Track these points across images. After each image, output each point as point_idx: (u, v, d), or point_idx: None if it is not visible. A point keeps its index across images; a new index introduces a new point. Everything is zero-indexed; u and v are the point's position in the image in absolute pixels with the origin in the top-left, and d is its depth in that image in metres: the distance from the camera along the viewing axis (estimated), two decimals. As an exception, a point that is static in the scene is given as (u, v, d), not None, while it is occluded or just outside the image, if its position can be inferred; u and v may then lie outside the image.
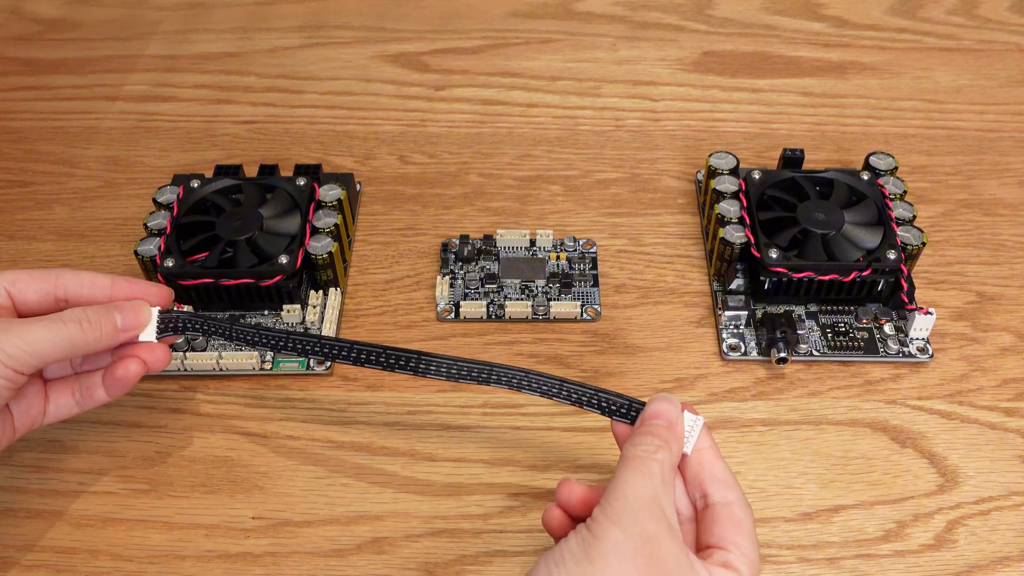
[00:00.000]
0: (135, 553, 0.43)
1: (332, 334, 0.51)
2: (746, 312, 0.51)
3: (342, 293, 0.53)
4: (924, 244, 0.51)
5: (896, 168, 0.55)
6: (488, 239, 0.56)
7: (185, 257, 0.50)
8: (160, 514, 0.45)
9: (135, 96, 0.67)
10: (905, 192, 0.54)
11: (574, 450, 0.47)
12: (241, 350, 0.50)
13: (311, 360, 0.50)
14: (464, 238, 0.56)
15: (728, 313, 0.51)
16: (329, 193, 0.53)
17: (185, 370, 0.49)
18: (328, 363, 0.50)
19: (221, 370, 0.50)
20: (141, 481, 0.46)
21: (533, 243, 0.56)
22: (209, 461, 0.47)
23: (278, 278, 0.50)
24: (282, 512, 0.45)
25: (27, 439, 0.47)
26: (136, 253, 0.50)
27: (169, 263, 0.49)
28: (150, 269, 0.51)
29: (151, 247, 0.50)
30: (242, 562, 0.43)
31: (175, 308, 0.49)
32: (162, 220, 0.52)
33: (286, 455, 0.47)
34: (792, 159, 0.56)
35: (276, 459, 0.47)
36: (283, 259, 0.50)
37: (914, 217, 0.52)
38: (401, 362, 0.41)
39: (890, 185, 0.54)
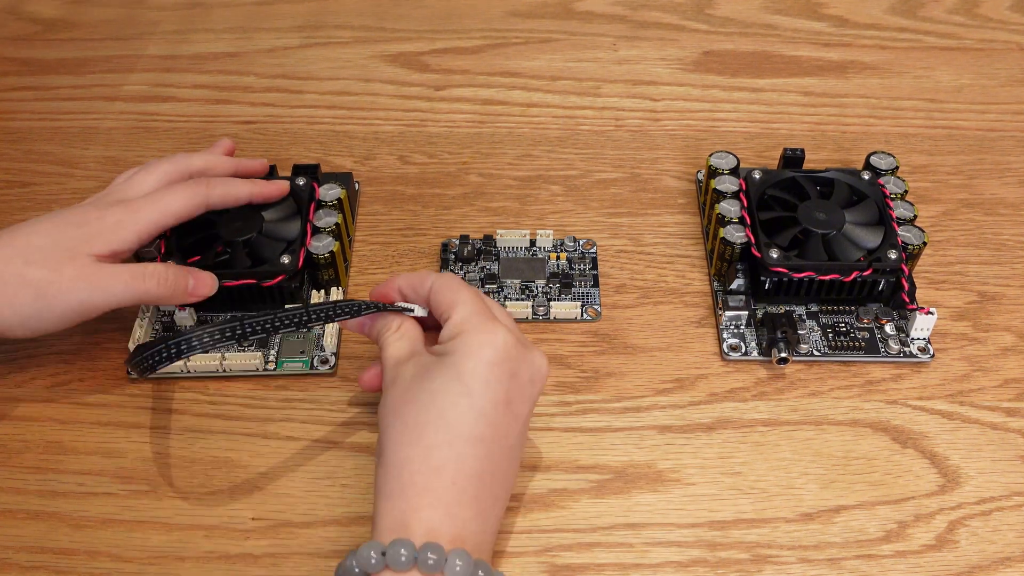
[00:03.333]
0: (135, 554, 0.43)
1: (334, 333, 0.51)
2: (746, 312, 0.51)
3: (344, 292, 0.53)
4: (925, 244, 0.51)
5: (897, 168, 0.55)
6: (488, 239, 0.56)
7: (186, 258, 0.50)
8: (160, 515, 0.45)
9: (134, 96, 0.67)
10: (906, 192, 0.54)
11: (574, 450, 0.47)
12: (244, 350, 0.50)
13: (315, 360, 0.50)
14: (464, 238, 0.56)
15: (729, 313, 0.51)
16: (329, 192, 0.53)
17: (188, 372, 0.49)
18: (332, 362, 0.50)
19: (224, 371, 0.49)
20: (141, 482, 0.46)
21: (533, 243, 0.56)
22: (209, 461, 0.47)
23: (280, 278, 0.50)
24: (282, 513, 0.45)
25: (26, 439, 0.47)
26: (136, 254, 0.50)
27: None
28: None
29: (151, 248, 0.50)
30: (242, 563, 0.43)
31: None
32: None
33: (286, 455, 0.47)
34: (793, 159, 0.56)
35: (276, 459, 0.47)
36: (285, 259, 0.50)
37: (915, 217, 0.52)
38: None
39: (891, 185, 0.54)
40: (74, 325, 0.45)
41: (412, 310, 0.44)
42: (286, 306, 0.46)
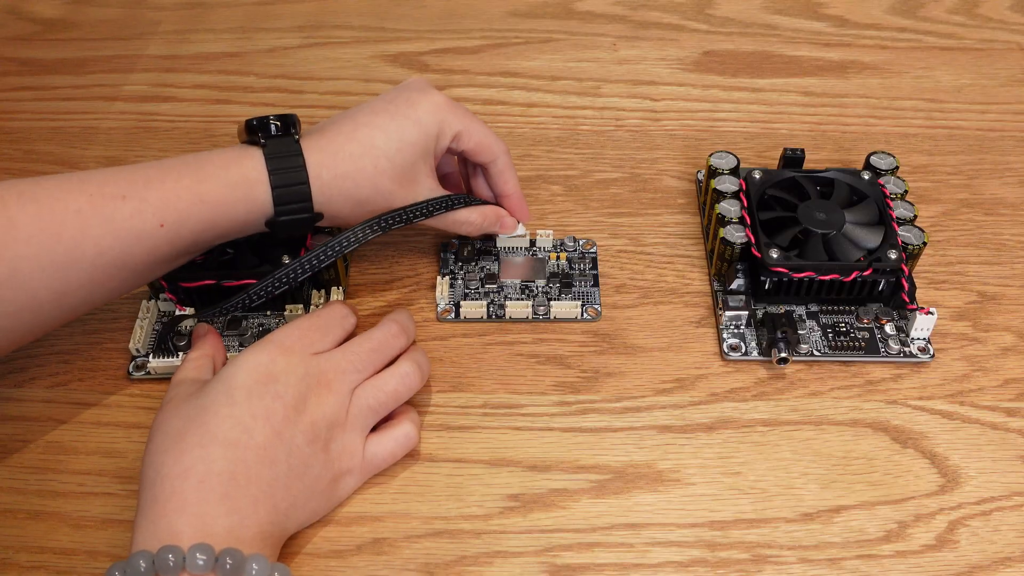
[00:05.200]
0: (134, 554, 0.43)
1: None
2: (747, 312, 0.51)
3: (344, 292, 0.53)
4: (925, 244, 0.51)
5: (897, 168, 0.55)
6: (488, 239, 0.56)
7: (191, 259, 0.50)
8: (160, 515, 0.45)
9: (134, 96, 0.67)
10: (906, 192, 0.54)
11: (574, 450, 0.47)
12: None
13: None
14: (464, 238, 0.55)
15: (729, 313, 0.51)
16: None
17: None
18: None
19: None
20: (140, 482, 0.46)
21: (533, 243, 0.56)
22: (209, 462, 0.47)
23: None
24: (282, 513, 0.45)
25: (26, 440, 0.47)
26: None
27: None
28: None
29: None
30: (242, 563, 0.43)
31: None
32: None
33: (286, 456, 0.47)
34: (793, 159, 0.56)
35: (276, 460, 0.47)
36: (285, 259, 0.50)
37: (915, 217, 0.52)
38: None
39: (891, 185, 0.54)
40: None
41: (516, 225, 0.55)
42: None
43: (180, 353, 0.49)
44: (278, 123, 0.47)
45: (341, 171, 0.47)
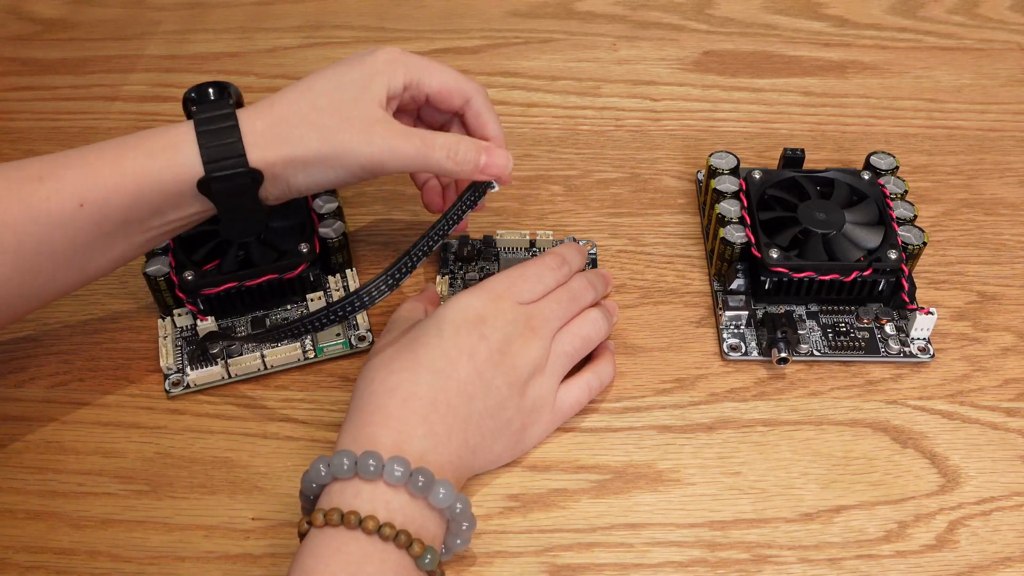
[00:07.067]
0: (134, 554, 0.43)
1: (364, 314, 0.52)
2: (747, 312, 0.51)
3: (356, 273, 0.53)
4: (925, 244, 0.51)
5: (897, 168, 0.55)
6: (488, 239, 0.56)
7: (200, 267, 0.49)
8: (160, 515, 0.45)
9: (134, 96, 0.67)
10: (906, 192, 0.54)
11: (574, 450, 0.47)
12: (278, 345, 0.50)
13: (352, 339, 0.51)
14: (464, 238, 0.55)
15: (729, 313, 0.51)
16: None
17: (231, 377, 0.49)
18: (369, 338, 0.51)
19: (268, 368, 0.50)
20: (140, 482, 0.46)
21: (533, 244, 0.56)
22: (209, 462, 0.47)
23: (302, 267, 0.50)
24: (282, 513, 0.45)
25: (26, 440, 0.47)
26: (146, 275, 0.49)
27: (189, 276, 0.48)
28: (163, 289, 0.50)
29: (160, 266, 0.49)
30: (242, 563, 0.43)
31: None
32: None
33: (286, 455, 0.47)
34: (793, 159, 0.55)
35: (276, 459, 0.47)
36: (303, 247, 0.50)
37: (915, 217, 0.52)
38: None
39: (891, 185, 0.54)
40: (357, 182, 0.46)
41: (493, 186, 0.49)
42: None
43: (218, 361, 0.49)
44: (210, 90, 0.46)
45: (276, 116, 0.44)
